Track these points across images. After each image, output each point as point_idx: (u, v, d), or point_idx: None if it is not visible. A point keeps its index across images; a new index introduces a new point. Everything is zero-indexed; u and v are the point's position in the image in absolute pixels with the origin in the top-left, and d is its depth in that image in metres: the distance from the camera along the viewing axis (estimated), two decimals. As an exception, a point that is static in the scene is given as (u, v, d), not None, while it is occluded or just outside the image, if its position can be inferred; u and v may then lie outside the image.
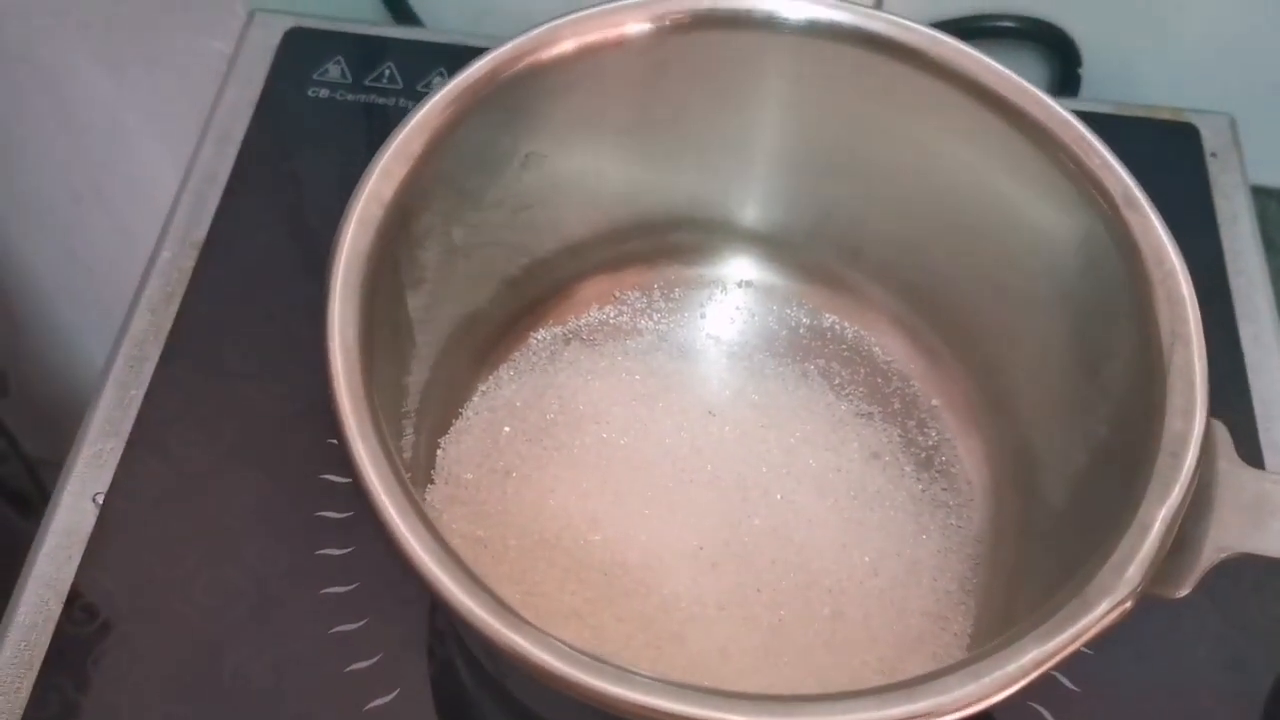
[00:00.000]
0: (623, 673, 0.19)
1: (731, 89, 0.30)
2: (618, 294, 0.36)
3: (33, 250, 0.67)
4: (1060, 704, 0.30)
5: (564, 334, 0.35)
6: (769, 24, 0.28)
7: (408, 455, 0.28)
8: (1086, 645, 0.21)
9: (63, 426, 0.76)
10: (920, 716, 0.19)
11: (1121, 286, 0.26)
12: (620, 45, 0.28)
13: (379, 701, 0.30)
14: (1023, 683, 0.20)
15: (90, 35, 0.53)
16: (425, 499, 0.30)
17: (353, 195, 0.25)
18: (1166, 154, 0.42)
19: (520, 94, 0.28)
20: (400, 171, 0.26)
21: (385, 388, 0.25)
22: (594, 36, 0.28)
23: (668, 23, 0.28)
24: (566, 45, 0.28)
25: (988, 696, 0.20)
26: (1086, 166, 0.27)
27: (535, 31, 0.27)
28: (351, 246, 0.24)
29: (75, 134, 0.59)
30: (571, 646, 0.20)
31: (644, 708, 0.19)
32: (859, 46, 0.28)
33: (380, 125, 0.41)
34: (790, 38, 0.28)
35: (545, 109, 0.29)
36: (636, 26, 0.28)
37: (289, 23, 0.43)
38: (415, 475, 0.29)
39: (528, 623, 0.20)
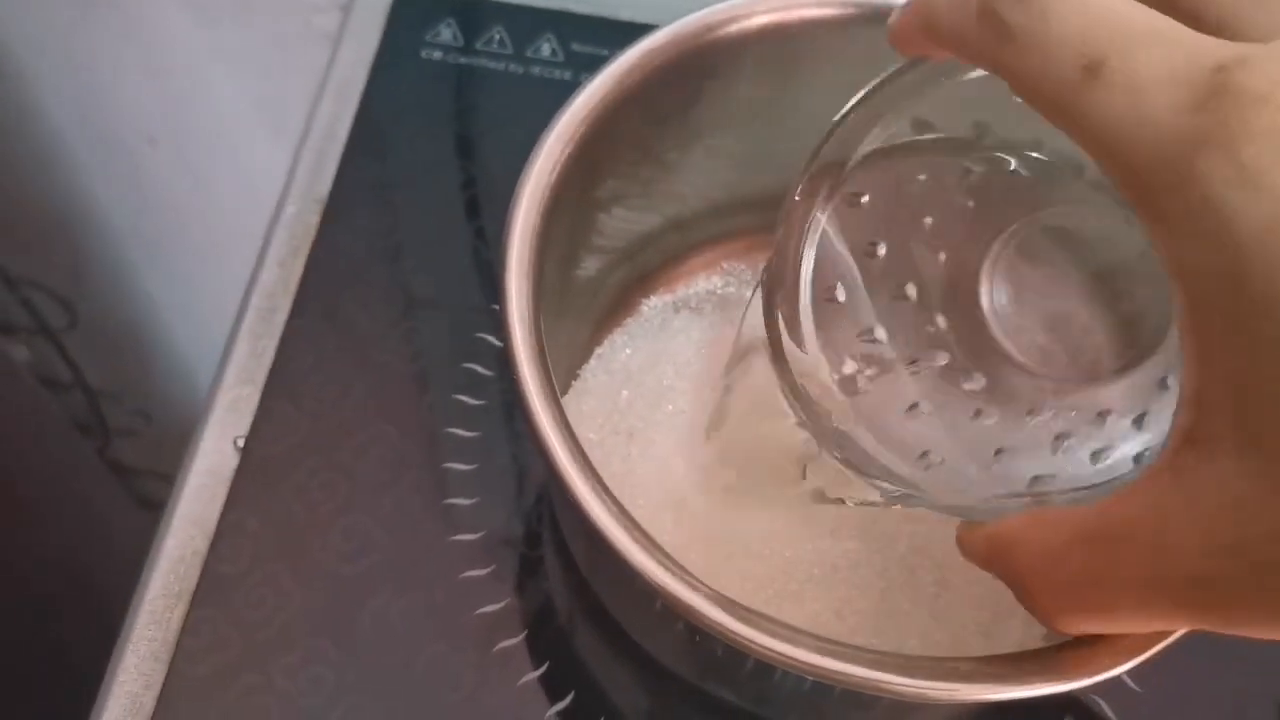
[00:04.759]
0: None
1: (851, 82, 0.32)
2: (724, 265, 0.37)
3: (103, 188, 0.68)
4: (1120, 700, 0.33)
5: (674, 302, 0.36)
6: None
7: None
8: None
9: (124, 360, 0.78)
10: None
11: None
12: (770, 32, 0.30)
13: (507, 643, 0.32)
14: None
15: (182, -17, 0.54)
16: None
17: (523, 174, 0.27)
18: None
19: (672, 78, 0.29)
20: (560, 153, 0.27)
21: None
22: (755, 22, 0.29)
23: (813, 15, 0.30)
24: (724, 31, 0.29)
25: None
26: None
27: (693, 18, 0.29)
28: (524, 220, 0.26)
29: (155, 78, 0.60)
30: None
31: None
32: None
33: (491, 89, 0.42)
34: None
35: (692, 93, 0.30)
36: (785, 16, 0.29)
37: (399, -17, 0.44)
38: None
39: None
